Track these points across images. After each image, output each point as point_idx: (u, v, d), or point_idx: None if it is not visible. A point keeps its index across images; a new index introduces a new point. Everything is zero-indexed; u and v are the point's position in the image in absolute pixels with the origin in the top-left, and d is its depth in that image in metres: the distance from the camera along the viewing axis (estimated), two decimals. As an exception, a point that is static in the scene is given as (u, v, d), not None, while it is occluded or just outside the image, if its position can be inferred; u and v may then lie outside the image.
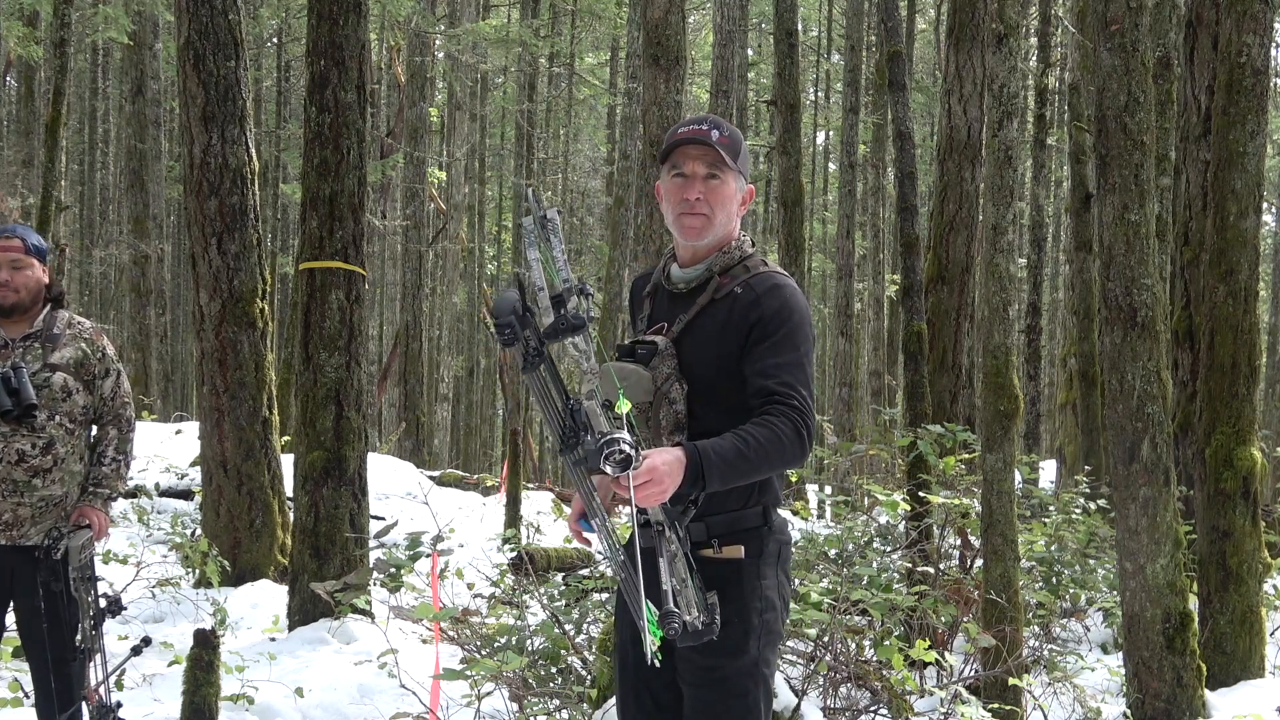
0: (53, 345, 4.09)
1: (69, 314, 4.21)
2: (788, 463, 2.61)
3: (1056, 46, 17.48)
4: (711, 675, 2.72)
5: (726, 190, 2.77)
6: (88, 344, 4.15)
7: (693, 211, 2.76)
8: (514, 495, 10.55)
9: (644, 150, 7.11)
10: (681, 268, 2.85)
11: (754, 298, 2.73)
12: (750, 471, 2.57)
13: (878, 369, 20.80)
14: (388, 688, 5.73)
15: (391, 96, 23.78)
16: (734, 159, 2.76)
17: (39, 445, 4.01)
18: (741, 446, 2.54)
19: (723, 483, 2.54)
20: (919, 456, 7.11)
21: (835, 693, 5.04)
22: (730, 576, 2.72)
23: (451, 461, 26.00)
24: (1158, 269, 5.40)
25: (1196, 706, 5.31)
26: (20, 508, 4.00)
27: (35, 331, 4.08)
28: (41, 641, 4.02)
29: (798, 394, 2.62)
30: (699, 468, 2.49)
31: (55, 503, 4.07)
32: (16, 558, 4.03)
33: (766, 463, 2.57)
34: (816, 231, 31.95)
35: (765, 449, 2.56)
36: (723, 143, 2.75)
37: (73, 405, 4.08)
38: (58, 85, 11.99)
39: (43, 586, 3.99)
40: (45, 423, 4.01)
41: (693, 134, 2.76)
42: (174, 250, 26.55)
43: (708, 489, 2.52)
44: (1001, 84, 5.86)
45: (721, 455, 2.52)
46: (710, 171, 2.76)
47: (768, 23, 29.88)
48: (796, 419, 2.59)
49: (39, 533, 4.03)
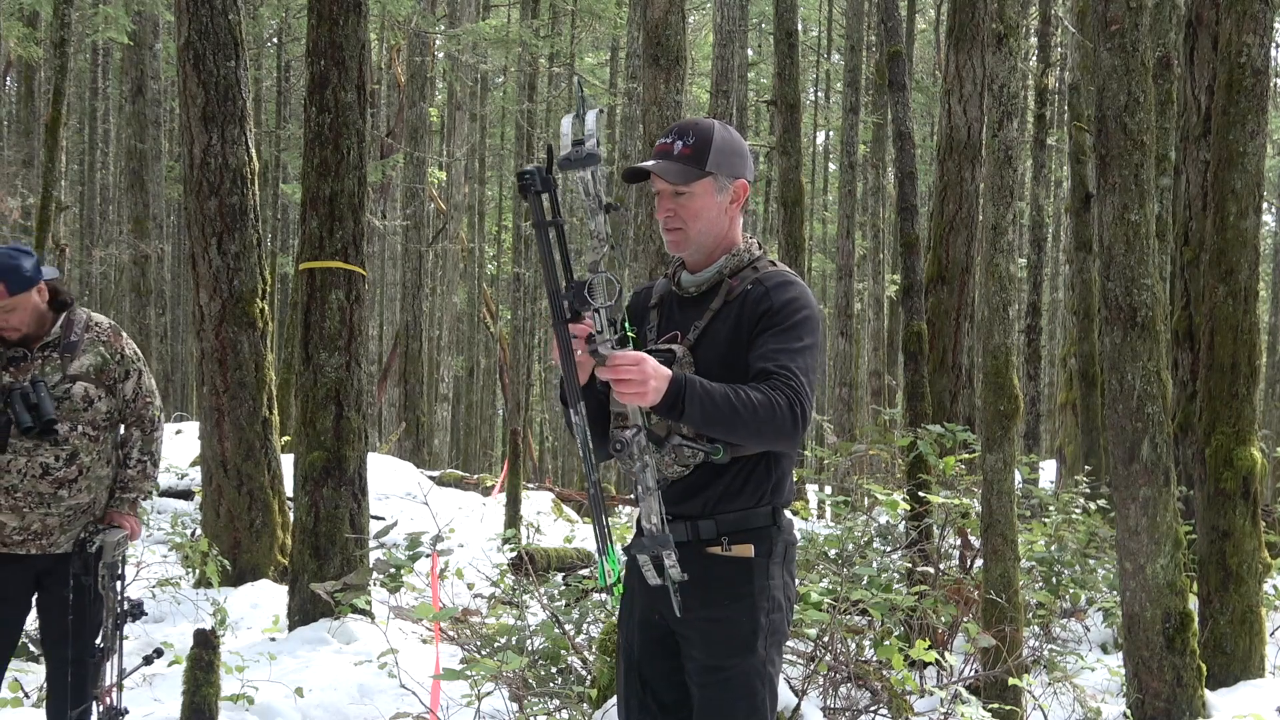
0: (71, 354, 4.00)
1: (86, 314, 4.10)
2: (776, 433, 2.59)
3: (1056, 46, 17.47)
4: (719, 675, 2.72)
5: (695, 203, 2.78)
6: (106, 347, 4.06)
7: (668, 229, 2.80)
8: (514, 495, 10.55)
9: (644, 150, 7.12)
10: (692, 273, 2.86)
11: (763, 292, 2.75)
12: (732, 423, 2.56)
13: (878, 369, 20.81)
14: (388, 688, 5.72)
15: (391, 96, 23.78)
16: (702, 165, 2.75)
17: (62, 457, 3.95)
18: (731, 395, 2.55)
19: (703, 419, 2.54)
20: (919, 456, 7.11)
21: (835, 693, 5.04)
22: (739, 575, 2.72)
23: (451, 461, 26.00)
24: (1158, 269, 5.40)
25: (1196, 706, 5.31)
26: (49, 518, 3.96)
27: (53, 340, 3.99)
28: (64, 636, 4.00)
29: (795, 377, 2.62)
30: (681, 392, 2.51)
31: (83, 510, 4.03)
32: (48, 562, 4.01)
33: (753, 422, 2.56)
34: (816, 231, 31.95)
35: (754, 409, 2.55)
36: (685, 154, 2.75)
37: (95, 413, 4.01)
38: (58, 85, 11.99)
39: (74, 579, 3.97)
40: (68, 434, 3.95)
41: (657, 151, 2.79)
42: (174, 250, 26.55)
43: (685, 417, 2.53)
44: (1001, 84, 5.86)
45: (708, 392, 2.54)
46: (676, 189, 2.77)
47: (768, 23, 29.89)
48: (791, 395, 2.59)
49: (69, 540, 4.00)
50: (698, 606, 2.72)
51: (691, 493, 2.70)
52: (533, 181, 2.48)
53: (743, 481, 2.74)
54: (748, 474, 2.74)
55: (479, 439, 31.86)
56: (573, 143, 2.50)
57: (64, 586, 3.98)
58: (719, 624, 2.72)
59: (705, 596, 2.71)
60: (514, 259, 29.44)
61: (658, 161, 2.76)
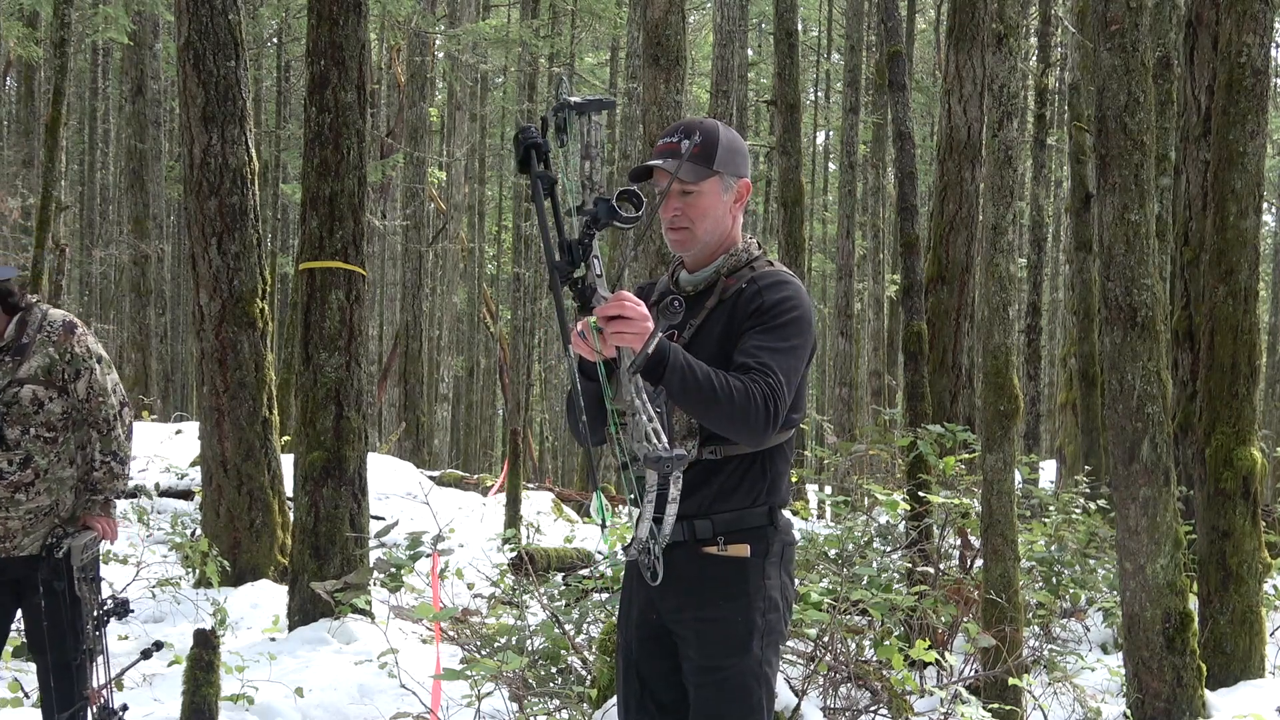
0: (21, 356, 3.90)
1: (42, 313, 3.98)
2: (747, 423, 2.57)
3: (1056, 46, 17.47)
4: (715, 675, 2.72)
5: (702, 202, 2.78)
6: (55, 347, 3.93)
7: (673, 228, 2.79)
8: (514, 495, 10.55)
9: (644, 150, 7.12)
10: (690, 272, 2.86)
11: (756, 290, 2.75)
12: (707, 402, 2.54)
13: (878, 369, 20.81)
14: (388, 688, 5.73)
15: (391, 96, 23.78)
16: (709, 164, 2.75)
17: (15, 461, 3.88)
18: (711, 374, 2.54)
19: (682, 390, 2.51)
20: (919, 456, 7.11)
21: (835, 693, 5.04)
22: (734, 575, 2.72)
23: (451, 461, 26.00)
24: (1158, 269, 5.40)
25: (1196, 706, 5.31)
26: (9, 521, 3.92)
27: (5, 345, 3.90)
28: (43, 642, 4.01)
29: (774, 374, 2.61)
30: (665, 354, 2.48)
31: (46, 512, 3.98)
32: (20, 567, 4.00)
33: (728, 405, 2.54)
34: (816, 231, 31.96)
35: (730, 393, 2.54)
36: (694, 153, 2.73)
37: (48, 415, 3.93)
38: (58, 85, 11.98)
39: (44, 585, 3.96)
40: (20, 438, 3.88)
41: (662, 149, 2.76)
42: (174, 250, 26.54)
43: (664, 380, 2.50)
44: (1001, 84, 5.86)
45: (689, 364, 2.52)
46: (683, 188, 2.76)
47: (768, 23, 29.89)
48: (768, 392, 2.58)
49: (33, 542, 3.97)
50: (693, 606, 2.72)
51: (687, 492, 2.69)
52: (533, 135, 2.43)
53: (738, 481, 2.73)
54: (743, 473, 2.74)
55: (479, 439, 31.86)
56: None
57: (36, 594, 3.95)
58: (714, 624, 2.71)
59: (701, 596, 2.71)
60: (514, 259, 29.43)
61: (668, 160, 2.74)
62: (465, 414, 30.74)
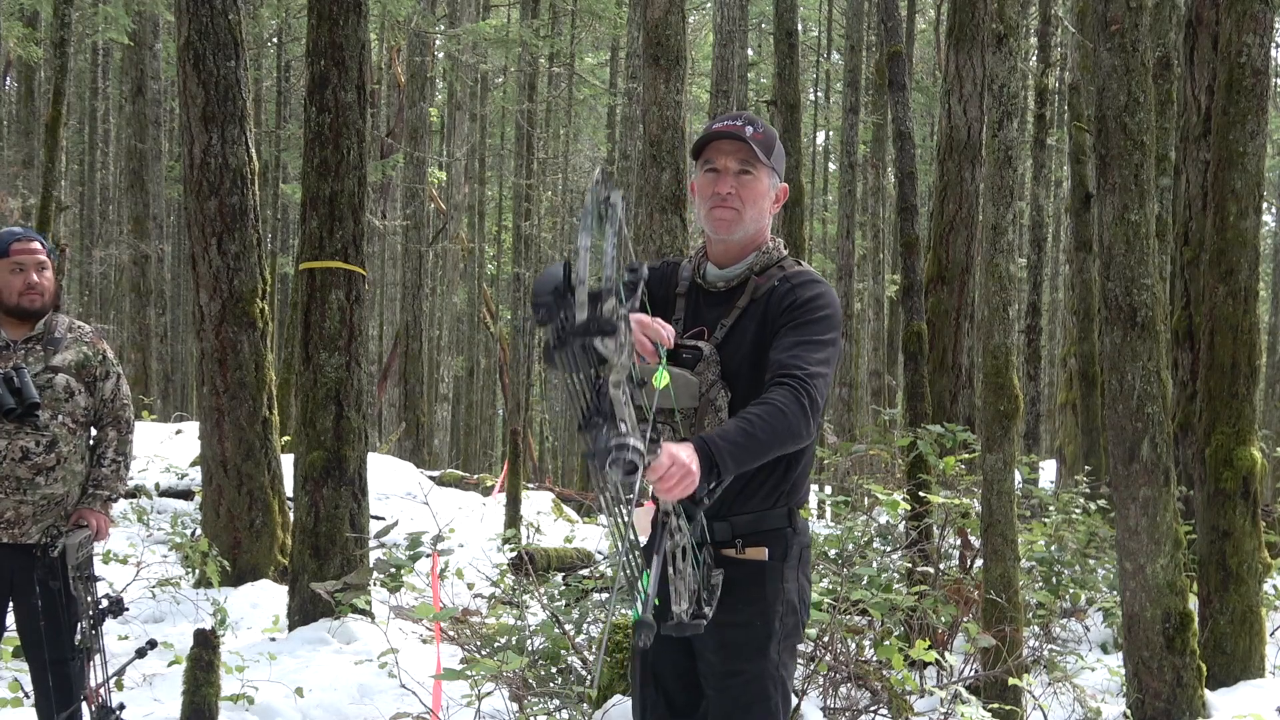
0: (54, 348, 4.15)
1: (69, 318, 4.28)
2: (795, 434, 2.54)
3: (1056, 46, 17.46)
4: (733, 679, 2.71)
5: (758, 186, 2.77)
6: (89, 347, 4.22)
7: (724, 205, 2.75)
8: (514, 495, 10.55)
9: (644, 150, 7.12)
10: (720, 267, 2.82)
11: (789, 288, 2.73)
12: (761, 450, 2.50)
13: (878, 369, 20.81)
14: (388, 688, 5.72)
15: (391, 96, 23.76)
16: (767, 155, 2.75)
17: (43, 443, 4.05)
18: (746, 427, 2.49)
19: (737, 466, 2.47)
20: (919, 456, 7.10)
21: (835, 693, 5.04)
22: (753, 579, 2.70)
23: (451, 461, 25.98)
24: (1158, 269, 5.40)
25: (1196, 706, 5.31)
26: (22, 505, 4.03)
27: (37, 335, 4.15)
28: (40, 641, 4.02)
29: (804, 368, 2.59)
30: (710, 458, 2.41)
31: (56, 501, 4.10)
32: (17, 558, 4.03)
33: (775, 438, 2.51)
34: (816, 231, 31.95)
35: (770, 425, 2.50)
36: (756, 139, 2.73)
37: (75, 406, 4.13)
38: (58, 85, 11.99)
39: (40, 584, 4.00)
40: (49, 421, 4.06)
41: (726, 129, 2.74)
42: (174, 250, 26.53)
43: (723, 477, 2.46)
44: (1001, 84, 5.86)
45: (729, 440, 2.46)
46: (742, 167, 2.74)
47: (768, 23, 29.88)
48: (796, 387, 2.55)
49: (39, 531, 4.06)
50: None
51: None
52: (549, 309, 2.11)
53: (759, 483, 2.71)
54: (765, 475, 2.71)
55: (479, 439, 31.85)
56: (589, 296, 2.06)
57: (31, 593, 4.01)
58: (733, 628, 2.69)
59: (719, 600, 2.70)
60: (514, 259, 29.42)
61: (732, 140, 2.72)
62: (465, 414, 30.73)
